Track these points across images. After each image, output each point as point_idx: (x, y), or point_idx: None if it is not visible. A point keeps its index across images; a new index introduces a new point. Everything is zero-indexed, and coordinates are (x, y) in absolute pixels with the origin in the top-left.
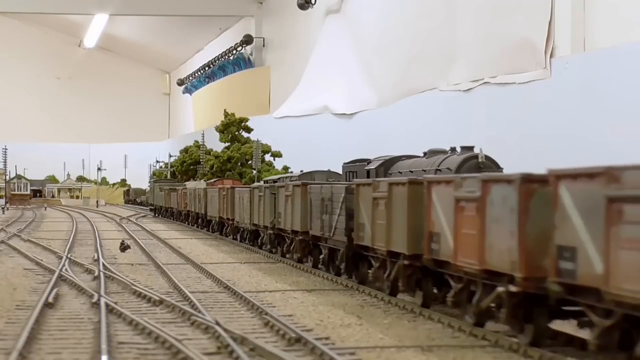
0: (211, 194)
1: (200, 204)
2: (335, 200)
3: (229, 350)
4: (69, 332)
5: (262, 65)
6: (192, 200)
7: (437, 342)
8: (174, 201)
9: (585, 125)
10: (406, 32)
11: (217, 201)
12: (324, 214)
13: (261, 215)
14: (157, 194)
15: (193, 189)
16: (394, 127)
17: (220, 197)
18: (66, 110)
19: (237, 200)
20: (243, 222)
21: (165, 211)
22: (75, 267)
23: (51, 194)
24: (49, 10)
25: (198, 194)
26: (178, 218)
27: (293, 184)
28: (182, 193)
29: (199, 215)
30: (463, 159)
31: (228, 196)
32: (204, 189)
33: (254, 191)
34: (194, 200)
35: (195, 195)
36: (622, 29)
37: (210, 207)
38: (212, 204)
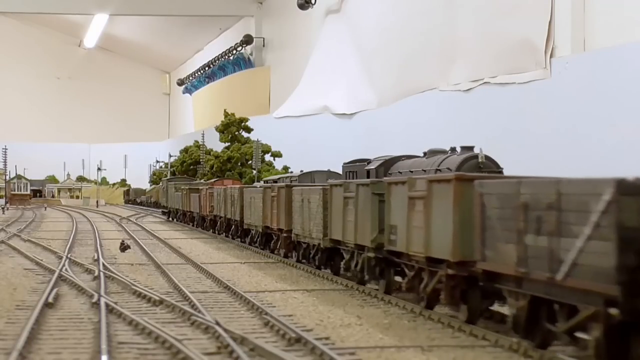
0: (250, 195)
1: (234, 208)
2: None
3: (229, 350)
4: (69, 332)
5: (262, 65)
6: (222, 202)
7: (437, 342)
8: (194, 204)
9: (585, 125)
10: (406, 32)
11: (260, 205)
12: None
13: (349, 227)
14: (173, 195)
15: (223, 188)
16: (394, 127)
17: (267, 199)
18: (66, 110)
19: (296, 204)
20: (309, 235)
21: (182, 215)
22: (75, 267)
23: (51, 194)
24: (49, 10)
25: (231, 194)
26: (200, 224)
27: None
28: (208, 194)
29: (230, 222)
30: (463, 159)
31: (281, 199)
32: (239, 188)
33: (335, 191)
34: (223, 203)
35: (226, 196)
36: (622, 29)
37: (249, 213)
38: (252, 209)
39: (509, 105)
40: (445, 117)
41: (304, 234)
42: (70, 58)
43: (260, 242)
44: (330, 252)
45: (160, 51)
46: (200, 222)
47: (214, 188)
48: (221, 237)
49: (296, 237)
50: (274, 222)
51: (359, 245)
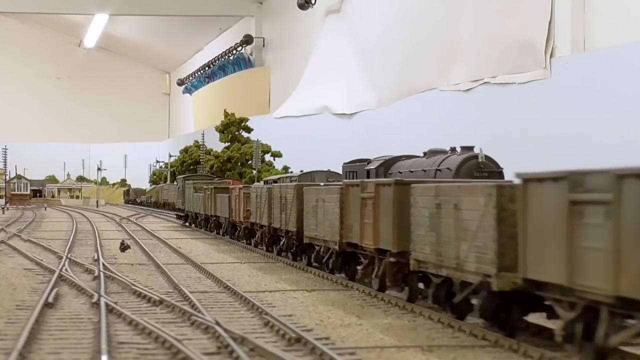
0: (316, 196)
1: (285, 214)
2: None
3: (229, 350)
4: (69, 332)
5: (262, 65)
6: (264, 206)
7: (437, 342)
8: (222, 207)
9: (585, 124)
10: (406, 32)
11: (336, 211)
12: None
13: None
14: (191, 196)
15: (268, 187)
16: (394, 127)
17: (352, 203)
18: (66, 110)
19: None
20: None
21: (204, 221)
22: (75, 267)
23: (51, 194)
24: (49, 10)
25: (281, 195)
26: (230, 233)
27: None
28: (242, 195)
29: (278, 233)
30: (463, 159)
31: (384, 202)
32: (296, 187)
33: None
34: (266, 207)
35: (271, 198)
36: (622, 29)
37: (313, 222)
38: (319, 216)
39: (509, 105)
40: (445, 117)
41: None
42: (70, 58)
43: (336, 266)
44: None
45: (160, 51)
46: (230, 231)
47: (253, 187)
48: (265, 255)
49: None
50: (367, 238)
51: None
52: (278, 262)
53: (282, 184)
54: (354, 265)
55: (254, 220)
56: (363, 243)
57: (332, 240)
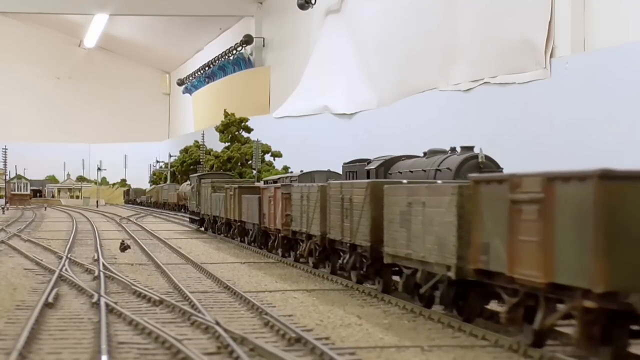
0: (408, 199)
1: (350, 222)
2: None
3: (229, 350)
4: (69, 332)
5: (262, 65)
6: (313, 211)
7: (437, 342)
8: (250, 211)
9: (585, 124)
10: (406, 32)
11: (451, 221)
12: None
13: None
14: (208, 197)
15: (321, 187)
16: (394, 127)
17: (497, 209)
18: (66, 110)
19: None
20: None
21: (225, 226)
22: (75, 267)
23: (51, 194)
24: (49, 10)
25: (344, 196)
26: (261, 242)
27: None
28: (280, 197)
29: (335, 245)
30: (463, 159)
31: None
32: (370, 185)
33: None
34: (318, 213)
35: (325, 200)
36: (622, 29)
37: (398, 235)
38: (411, 228)
39: (509, 105)
40: (445, 117)
41: None
42: (70, 58)
43: (447, 300)
44: None
45: (160, 51)
46: (260, 239)
47: (296, 187)
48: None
49: None
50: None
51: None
52: (278, 262)
53: (347, 182)
54: (478, 303)
55: (296, 229)
56: (519, 273)
57: (439, 262)
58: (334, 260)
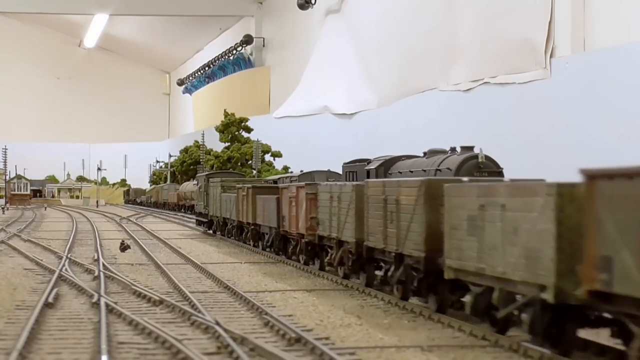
0: (479, 200)
1: (393, 228)
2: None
3: (229, 350)
4: (69, 332)
5: (262, 65)
6: (346, 214)
7: (437, 342)
8: (267, 213)
9: (585, 124)
10: (406, 32)
11: (547, 228)
12: None
13: None
14: (217, 198)
15: (351, 186)
16: (394, 127)
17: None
18: (66, 110)
19: None
20: None
21: (236, 229)
22: (75, 267)
23: (51, 194)
24: (49, 10)
25: (387, 197)
26: (280, 247)
27: None
28: (305, 198)
29: (374, 254)
30: (463, 159)
31: None
32: (425, 183)
33: None
34: (353, 216)
35: (360, 202)
36: (622, 29)
37: (465, 244)
38: (487, 237)
39: (509, 105)
40: (445, 117)
41: None
42: (70, 58)
43: (538, 328)
44: None
45: (160, 51)
46: (278, 244)
47: (324, 186)
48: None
49: None
50: None
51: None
52: (278, 262)
53: (391, 180)
54: (570, 329)
55: (324, 233)
56: None
57: (527, 281)
58: (370, 271)
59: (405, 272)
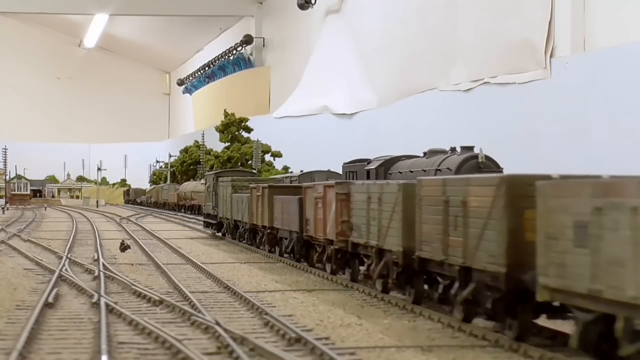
0: (594, 202)
1: (457, 235)
2: None
3: (229, 350)
4: (69, 332)
5: (262, 65)
6: (390, 217)
7: (437, 342)
8: (286, 216)
9: (585, 124)
10: (406, 32)
11: None
12: None
13: None
14: (228, 199)
15: (396, 185)
16: (394, 127)
17: None
18: (66, 110)
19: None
20: None
21: (249, 233)
22: (75, 267)
23: (51, 194)
24: (49, 10)
25: (449, 197)
26: (298, 252)
27: None
28: (335, 199)
29: (427, 266)
30: (463, 159)
31: None
32: (505, 181)
33: None
34: (399, 220)
35: (409, 203)
36: (622, 29)
37: (570, 257)
38: (604, 248)
39: (509, 105)
40: (445, 117)
41: None
42: (70, 58)
43: None
44: None
45: (160, 51)
46: (300, 250)
47: (359, 185)
48: None
49: None
50: None
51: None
52: (278, 262)
53: (455, 178)
54: None
55: (360, 240)
56: None
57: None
58: (418, 286)
59: (475, 291)
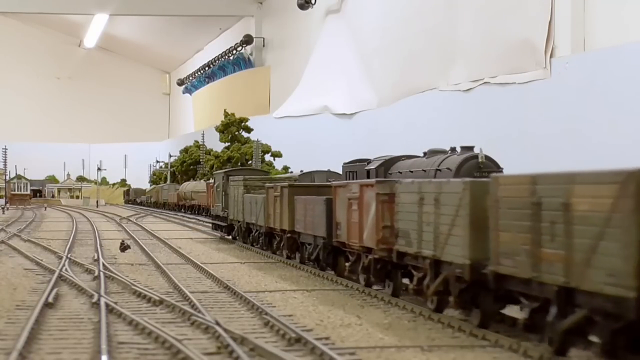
0: None
1: (568, 251)
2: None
3: (229, 350)
4: (69, 332)
5: (262, 65)
6: (452, 223)
7: (437, 342)
8: (310, 219)
9: (585, 124)
10: (406, 32)
11: None
12: None
13: None
14: (239, 200)
15: (462, 184)
16: (394, 127)
17: None
18: (66, 110)
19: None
20: None
21: (264, 237)
22: (75, 267)
23: (51, 194)
24: (49, 10)
25: (549, 200)
26: (324, 260)
27: None
28: (375, 200)
29: (502, 282)
30: (463, 159)
31: None
32: (634, 175)
33: None
34: (468, 227)
35: (477, 208)
36: (622, 29)
37: None
38: None
39: (509, 105)
40: (445, 117)
41: None
42: (70, 58)
43: None
44: None
45: (160, 51)
46: (326, 258)
47: (404, 184)
48: None
49: None
50: None
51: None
52: (278, 262)
53: (553, 174)
54: None
55: (408, 249)
56: None
57: None
58: (488, 307)
59: (584, 319)
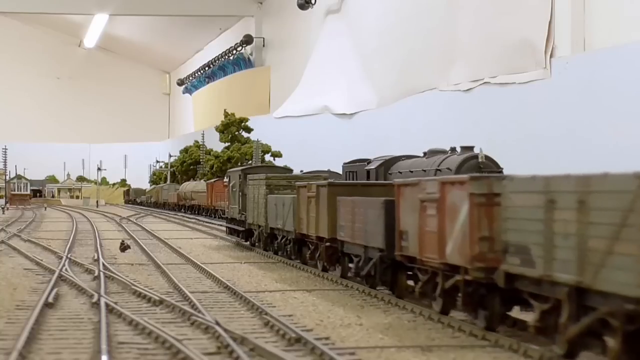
0: None
1: None
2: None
3: (229, 350)
4: (69, 332)
5: (262, 65)
6: (613, 236)
7: (437, 342)
8: (360, 227)
9: (585, 125)
10: (406, 31)
11: None
12: None
13: None
14: (261, 201)
15: (616, 178)
16: (394, 127)
17: None
18: (66, 110)
19: None
20: None
21: (292, 244)
22: (75, 267)
23: (51, 194)
24: (49, 10)
25: None
26: (381, 278)
27: None
28: (470, 202)
29: None
30: (463, 159)
31: None
32: None
33: None
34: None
35: None
36: (622, 29)
37: None
38: None
39: (509, 105)
40: (445, 117)
41: None
42: (70, 58)
43: None
44: None
45: (160, 51)
46: (383, 275)
47: (513, 180)
48: None
49: None
50: None
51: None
52: (278, 262)
53: None
54: None
55: (527, 272)
56: None
57: None
58: None
59: None
